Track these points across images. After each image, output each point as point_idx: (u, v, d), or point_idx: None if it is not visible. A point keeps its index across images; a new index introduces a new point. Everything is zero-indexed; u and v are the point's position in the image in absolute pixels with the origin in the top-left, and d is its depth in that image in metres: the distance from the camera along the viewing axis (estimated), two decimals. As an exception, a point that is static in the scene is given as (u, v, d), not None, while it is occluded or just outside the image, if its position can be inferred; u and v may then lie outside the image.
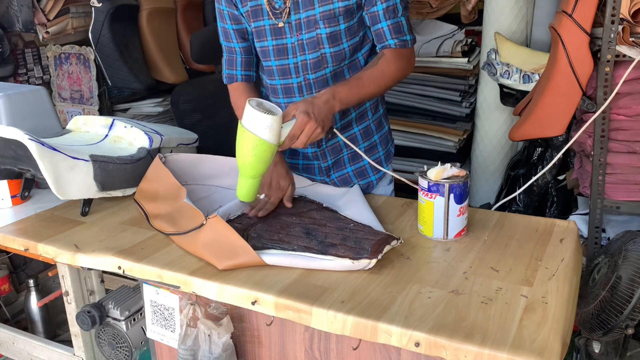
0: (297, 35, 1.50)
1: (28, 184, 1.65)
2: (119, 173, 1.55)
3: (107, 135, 1.69)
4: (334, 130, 1.47)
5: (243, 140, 1.28)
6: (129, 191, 1.60)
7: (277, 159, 1.47)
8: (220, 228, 1.26)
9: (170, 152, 1.74)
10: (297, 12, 1.47)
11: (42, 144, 1.42)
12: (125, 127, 1.69)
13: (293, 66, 1.55)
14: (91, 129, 1.73)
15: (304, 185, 1.62)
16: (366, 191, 1.70)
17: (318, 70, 1.54)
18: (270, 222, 1.38)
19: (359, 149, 1.63)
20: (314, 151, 1.65)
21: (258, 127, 1.25)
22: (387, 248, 1.21)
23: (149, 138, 1.65)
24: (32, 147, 1.40)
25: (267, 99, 1.65)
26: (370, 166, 1.68)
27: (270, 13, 1.49)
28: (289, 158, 1.71)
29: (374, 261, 1.17)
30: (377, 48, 1.53)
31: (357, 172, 1.68)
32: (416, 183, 1.36)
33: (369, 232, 1.28)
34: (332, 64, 1.53)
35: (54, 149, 1.44)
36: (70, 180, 1.46)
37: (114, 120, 1.72)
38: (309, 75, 1.55)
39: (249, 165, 1.30)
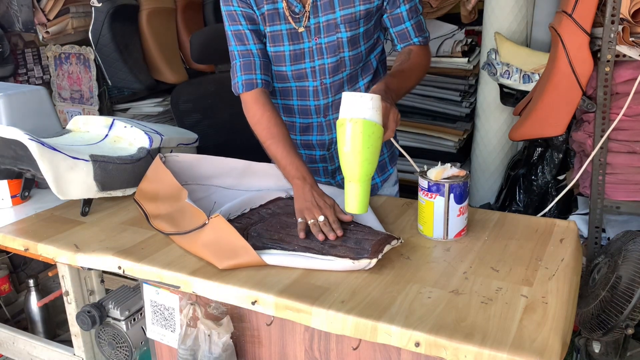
0: (316, 40, 1.49)
1: (28, 184, 1.65)
2: (119, 173, 1.55)
3: (107, 135, 1.69)
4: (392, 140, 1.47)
5: (354, 135, 1.17)
6: (129, 191, 1.60)
7: (311, 181, 1.39)
8: (222, 227, 1.26)
9: (171, 152, 1.73)
10: (316, 16, 1.46)
11: (42, 144, 1.42)
12: (125, 127, 1.69)
13: (310, 70, 1.53)
14: (91, 129, 1.73)
15: None
16: (371, 193, 1.70)
17: (336, 74, 1.53)
18: (270, 221, 1.38)
19: None
20: (322, 154, 1.66)
21: (368, 111, 1.17)
22: (387, 248, 1.21)
23: (149, 138, 1.65)
24: (33, 147, 1.40)
25: (277, 106, 1.64)
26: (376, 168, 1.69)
27: (289, 17, 1.46)
28: None
29: (374, 261, 1.17)
30: (398, 47, 1.54)
31: None
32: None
33: (369, 232, 1.28)
34: (350, 67, 1.53)
35: (54, 149, 1.43)
36: (70, 180, 1.46)
37: (114, 120, 1.72)
38: (326, 80, 1.54)
39: (366, 161, 1.19)
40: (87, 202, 1.54)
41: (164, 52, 3.26)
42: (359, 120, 1.17)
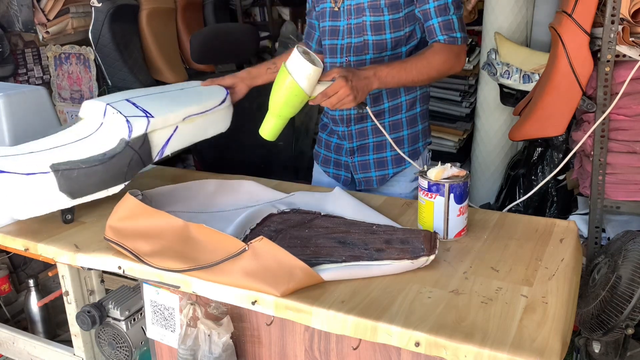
0: (348, 20, 1.63)
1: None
2: (87, 178, 1.40)
3: (102, 124, 1.52)
4: (367, 108, 1.51)
5: (280, 80, 1.39)
6: (112, 190, 1.47)
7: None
8: (268, 251, 1.13)
9: (175, 130, 1.55)
10: None
11: None
12: (113, 113, 1.49)
13: (339, 47, 1.67)
14: (89, 116, 1.55)
15: (279, 198, 1.56)
16: (381, 182, 1.75)
17: (359, 54, 1.64)
18: (284, 239, 1.31)
19: (384, 139, 1.71)
20: (343, 130, 1.75)
21: (297, 72, 1.36)
22: (438, 242, 1.21)
23: (129, 127, 1.46)
24: None
25: None
26: (392, 159, 1.73)
27: None
28: (327, 135, 1.83)
29: (432, 257, 1.17)
30: (429, 43, 1.59)
31: (378, 162, 1.74)
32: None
33: (401, 230, 1.29)
34: (373, 51, 1.63)
35: (2, 171, 1.32)
36: (29, 198, 1.34)
37: (106, 107, 1.51)
38: (350, 58, 1.66)
39: (278, 105, 1.41)
40: (67, 210, 1.46)
41: (164, 52, 3.26)
42: (290, 77, 1.36)
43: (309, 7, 1.81)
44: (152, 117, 1.49)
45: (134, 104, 1.53)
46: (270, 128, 1.47)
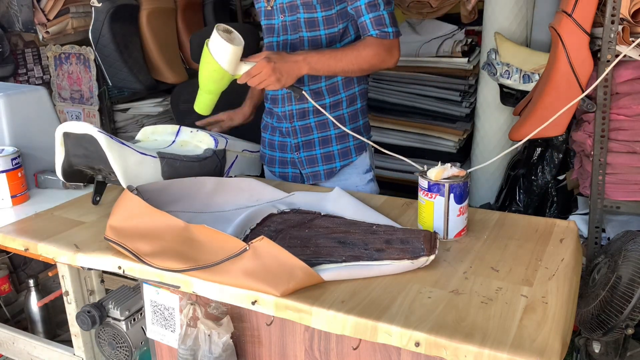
0: (282, 17, 1.68)
1: (99, 187, 1.59)
2: (186, 170, 1.55)
3: (174, 141, 1.71)
4: (303, 92, 1.59)
5: (203, 58, 1.50)
6: None
7: (248, 109, 1.94)
8: (269, 251, 1.12)
9: (236, 158, 1.76)
10: None
11: (111, 137, 1.45)
12: (191, 132, 1.72)
13: (276, 44, 1.72)
14: (159, 137, 1.74)
15: (279, 197, 1.56)
16: (329, 176, 1.78)
17: (295, 51, 1.65)
18: (284, 238, 1.31)
19: (330, 134, 1.75)
20: (287, 127, 1.77)
21: (217, 51, 1.45)
22: (438, 243, 1.21)
23: (215, 139, 1.67)
24: (101, 139, 1.42)
25: None
26: (339, 153, 1.77)
27: None
28: (270, 134, 1.85)
29: (432, 257, 1.17)
30: (362, 38, 1.64)
31: (325, 156, 1.77)
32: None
33: (401, 230, 1.29)
34: (309, 48, 1.67)
35: (123, 143, 1.46)
36: (139, 174, 1.47)
37: (180, 127, 1.75)
38: None
39: (204, 81, 1.54)
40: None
41: (164, 52, 3.26)
42: (211, 55, 1.46)
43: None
44: (228, 139, 1.73)
45: (206, 130, 1.76)
46: (202, 103, 1.58)
